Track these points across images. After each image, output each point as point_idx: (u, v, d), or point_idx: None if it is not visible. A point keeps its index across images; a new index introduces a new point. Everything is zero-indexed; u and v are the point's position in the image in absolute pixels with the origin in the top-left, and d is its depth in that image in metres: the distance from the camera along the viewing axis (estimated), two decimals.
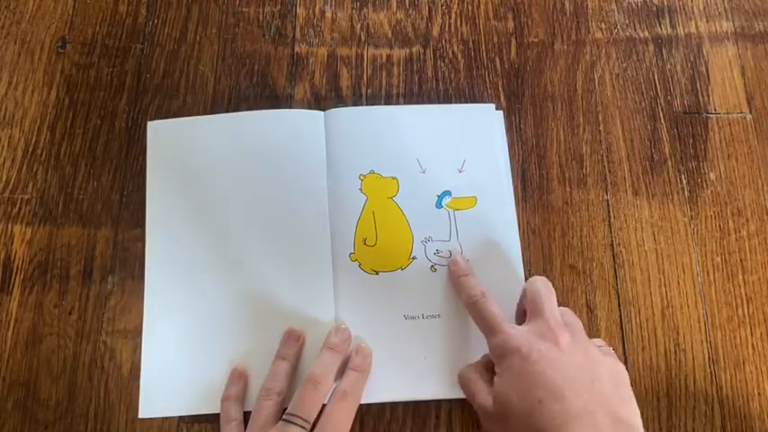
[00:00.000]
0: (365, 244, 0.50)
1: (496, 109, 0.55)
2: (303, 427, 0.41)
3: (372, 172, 0.52)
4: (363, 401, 0.46)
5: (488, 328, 0.44)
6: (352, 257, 0.50)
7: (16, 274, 0.50)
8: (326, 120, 0.53)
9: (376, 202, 0.51)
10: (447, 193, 0.51)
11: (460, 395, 0.46)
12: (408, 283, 0.49)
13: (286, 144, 0.52)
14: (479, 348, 0.46)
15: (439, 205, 0.51)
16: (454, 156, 0.53)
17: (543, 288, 0.45)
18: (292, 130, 0.53)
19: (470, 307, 0.46)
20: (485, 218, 0.51)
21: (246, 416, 0.45)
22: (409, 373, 0.47)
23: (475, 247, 0.50)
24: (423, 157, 0.52)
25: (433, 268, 0.50)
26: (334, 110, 0.54)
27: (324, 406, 0.43)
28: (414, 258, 0.50)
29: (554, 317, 0.43)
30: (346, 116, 0.54)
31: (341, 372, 0.46)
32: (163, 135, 0.53)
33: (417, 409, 0.47)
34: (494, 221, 0.51)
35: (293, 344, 0.46)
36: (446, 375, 0.47)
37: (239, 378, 0.46)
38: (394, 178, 0.52)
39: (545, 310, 0.43)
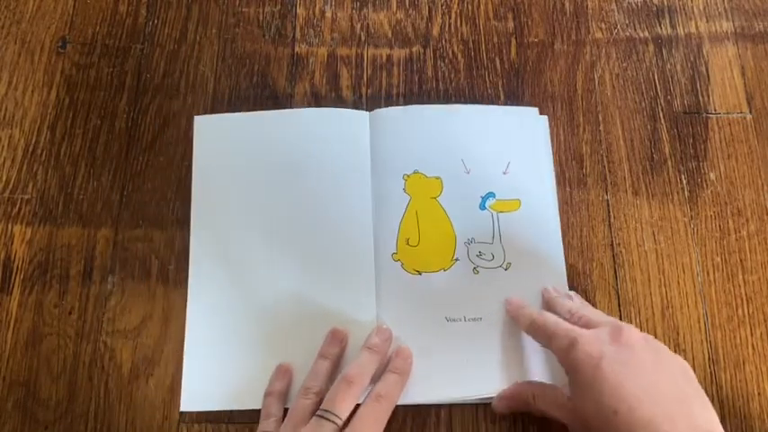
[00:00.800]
0: (408, 244, 0.50)
1: (540, 113, 0.55)
2: (335, 423, 0.41)
3: (416, 172, 0.52)
4: (400, 403, 0.45)
5: (551, 335, 0.42)
6: (394, 257, 0.50)
7: (16, 274, 0.50)
8: (372, 120, 0.53)
9: (419, 201, 0.51)
10: (491, 194, 0.51)
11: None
12: (450, 284, 0.49)
13: (331, 143, 0.53)
14: (521, 353, 0.46)
15: (482, 207, 0.51)
16: (499, 157, 0.52)
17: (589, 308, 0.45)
18: (338, 129, 0.53)
19: (531, 325, 0.45)
20: (528, 221, 0.51)
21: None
22: (448, 375, 0.47)
23: (517, 250, 0.50)
24: (467, 158, 0.52)
25: (475, 270, 0.49)
26: (379, 110, 0.54)
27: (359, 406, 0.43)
28: (456, 260, 0.50)
29: (612, 320, 0.42)
30: (391, 116, 0.54)
31: (380, 372, 0.45)
32: (208, 130, 0.53)
33: (417, 410, 0.47)
34: (537, 225, 0.51)
35: (336, 344, 0.46)
36: (486, 378, 0.46)
37: (284, 375, 0.46)
38: (438, 178, 0.51)
39: (600, 316, 0.43)
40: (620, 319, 0.49)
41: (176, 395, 0.47)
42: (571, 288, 0.50)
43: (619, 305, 0.50)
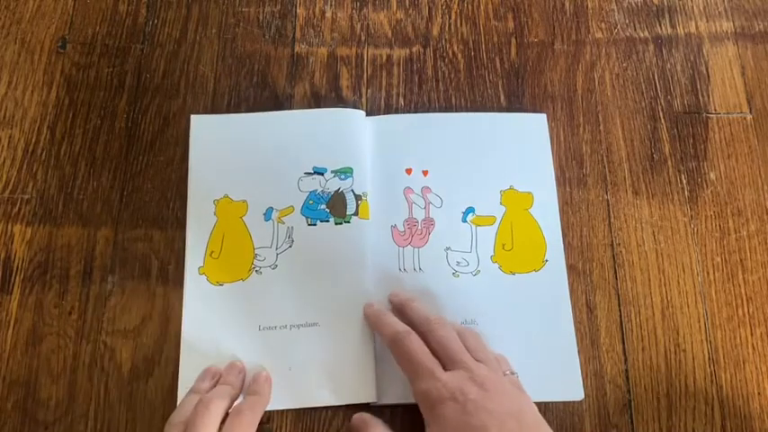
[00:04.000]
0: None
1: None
2: None
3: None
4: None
5: (414, 370, 0.43)
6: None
7: (16, 274, 0.50)
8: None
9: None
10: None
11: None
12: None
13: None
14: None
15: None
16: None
17: (447, 332, 0.44)
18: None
19: (394, 343, 0.44)
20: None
21: None
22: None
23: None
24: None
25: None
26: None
27: None
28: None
29: (468, 359, 0.43)
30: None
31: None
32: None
33: (418, 410, 0.47)
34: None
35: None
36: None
37: (212, 377, 0.46)
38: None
39: (456, 352, 0.43)
40: (620, 320, 0.49)
41: (176, 395, 0.47)
42: (570, 288, 0.50)
43: (619, 305, 0.50)
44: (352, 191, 0.51)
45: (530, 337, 0.48)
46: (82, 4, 0.58)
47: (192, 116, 0.53)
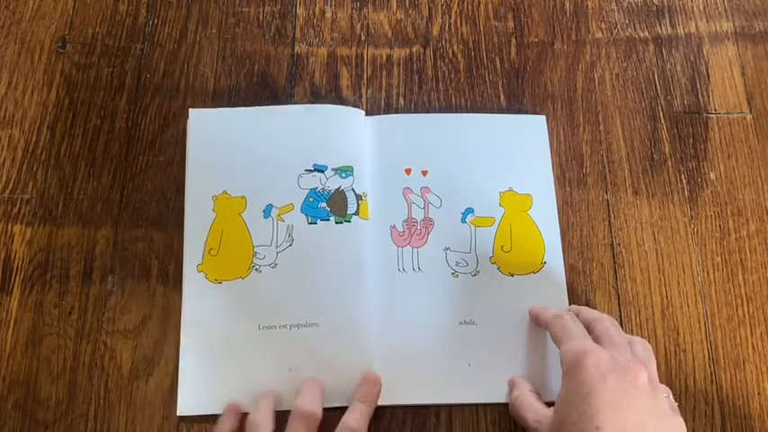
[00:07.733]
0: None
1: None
2: None
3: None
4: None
5: (569, 335, 0.42)
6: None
7: (16, 274, 0.50)
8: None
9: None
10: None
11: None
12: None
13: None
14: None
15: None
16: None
17: (612, 326, 0.43)
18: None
19: (555, 317, 0.44)
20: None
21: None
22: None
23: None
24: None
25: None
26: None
27: None
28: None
29: (624, 343, 0.42)
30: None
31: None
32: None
33: (417, 411, 0.47)
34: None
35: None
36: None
37: (235, 415, 0.45)
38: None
39: (614, 337, 0.42)
40: (620, 320, 0.49)
41: (176, 395, 0.47)
42: (570, 288, 0.50)
43: (619, 305, 0.50)
44: (353, 190, 0.51)
45: (528, 339, 0.48)
46: (82, 4, 0.58)
47: (191, 110, 0.53)
